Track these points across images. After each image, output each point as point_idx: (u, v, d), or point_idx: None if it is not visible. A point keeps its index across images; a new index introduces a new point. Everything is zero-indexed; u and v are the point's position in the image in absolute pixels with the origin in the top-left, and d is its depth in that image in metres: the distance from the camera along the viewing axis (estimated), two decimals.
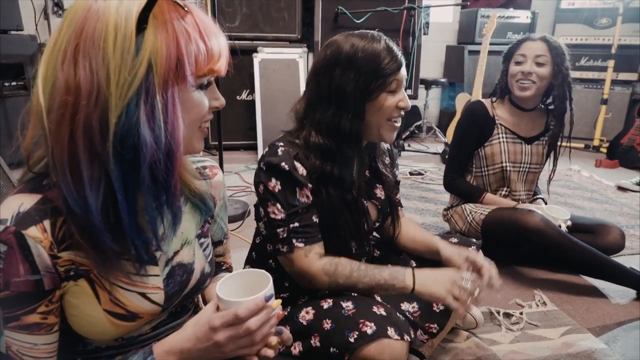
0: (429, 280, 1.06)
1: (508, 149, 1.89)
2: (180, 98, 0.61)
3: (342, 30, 3.66)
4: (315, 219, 1.09)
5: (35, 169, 0.64)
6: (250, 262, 1.28)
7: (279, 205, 1.06)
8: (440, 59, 4.60)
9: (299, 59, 3.64)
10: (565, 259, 1.73)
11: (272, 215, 1.07)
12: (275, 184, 1.06)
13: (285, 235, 1.07)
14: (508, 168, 1.90)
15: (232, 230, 2.24)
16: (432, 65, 4.56)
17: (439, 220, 2.36)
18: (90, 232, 0.60)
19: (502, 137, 1.89)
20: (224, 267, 1.00)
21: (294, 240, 1.07)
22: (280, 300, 0.71)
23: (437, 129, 4.26)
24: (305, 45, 3.74)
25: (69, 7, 0.60)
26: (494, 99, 1.93)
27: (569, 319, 1.56)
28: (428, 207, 2.65)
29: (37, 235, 0.59)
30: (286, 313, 0.74)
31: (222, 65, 0.66)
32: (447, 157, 2.07)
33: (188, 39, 0.60)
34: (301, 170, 1.07)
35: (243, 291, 0.69)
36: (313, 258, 1.08)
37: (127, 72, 0.56)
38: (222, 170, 2.24)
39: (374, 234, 1.34)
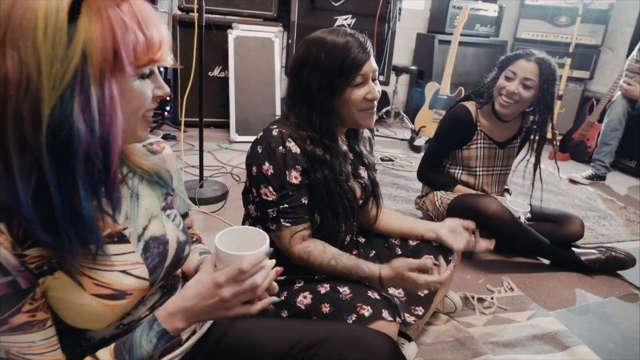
0: (396, 278, 1.13)
1: (484, 154, 2.01)
2: (118, 89, 0.60)
3: (319, 11, 3.66)
4: (304, 200, 1.16)
5: None
6: None
7: (270, 188, 1.13)
8: (410, 46, 4.69)
9: (275, 38, 3.60)
10: (516, 243, 1.93)
11: (264, 197, 1.14)
12: (268, 167, 1.12)
13: (274, 215, 1.15)
14: (480, 172, 2.04)
15: (212, 212, 2.25)
16: (402, 52, 4.64)
17: (411, 207, 2.46)
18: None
19: (480, 143, 2.00)
20: (194, 239, 1.01)
21: (282, 220, 1.15)
22: (274, 260, 0.75)
23: (404, 115, 4.37)
24: (280, 24, 3.69)
25: None
26: (479, 105, 1.97)
27: (534, 303, 1.72)
28: (400, 194, 2.76)
29: None
30: (282, 270, 0.79)
31: (163, 54, 0.64)
32: (425, 152, 2.19)
33: (125, 29, 0.58)
34: (294, 148, 1.13)
35: (239, 248, 0.71)
36: (295, 241, 1.16)
37: (59, 63, 0.54)
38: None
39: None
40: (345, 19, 3.71)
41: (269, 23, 3.67)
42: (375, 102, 1.17)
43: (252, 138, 1.22)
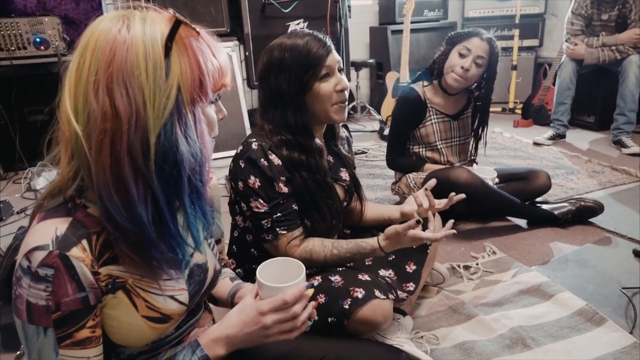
0: (392, 243, 1.18)
1: (439, 128, 2.13)
2: (203, 113, 0.68)
3: (270, 20, 3.72)
4: (294, 206, 1.20)
5: (67, 195, 0.66)
6: (231, 254, 1.37)
7: (260, 200, 1.16)
8: (365, 40, 4.78)
9: (232, 52, 3.64)
10: (490, 207, 2.05)
11: (256, 210, 1.17)
12: (254, 181, 1.15)
13: (269, 225, 1.18)
14: (441, 146, 2.16)
15: None
16: (359, 47, 4.74)
17: (389, 194, 2.54)
18: (140, 246, 0.65)
19: (434, 119, 2.12)
20: (223, 264, 1.06)
21: (277, 229, 1.18)
22: (313, 290, 0.81)
23: (370, 107, 4.46)
24: (235, 38, 3.73)
25: (83, 40, 0.62)
26: (426, 83, 2.12)
27: (516, 262, 1.81)
28: (377, 183, 2.83)
29: (80, 255, 0.62)
30: (317, 304, 0.85)
31: (229, 78, 0.72)
32: (387, 140, 2.30)
33: (205, 58, 0.65)
34: (276, 160, 1.17)
35: (277, 278, 0.77)
36: (293, 245, 1.20)
37: (161, 95, 0.61)
38: None
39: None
40: (298, 24, 3.78)
41: (224, 39, 3.70)
42: (346, 94, 1.21)
43: (226, 154, 1.26)
